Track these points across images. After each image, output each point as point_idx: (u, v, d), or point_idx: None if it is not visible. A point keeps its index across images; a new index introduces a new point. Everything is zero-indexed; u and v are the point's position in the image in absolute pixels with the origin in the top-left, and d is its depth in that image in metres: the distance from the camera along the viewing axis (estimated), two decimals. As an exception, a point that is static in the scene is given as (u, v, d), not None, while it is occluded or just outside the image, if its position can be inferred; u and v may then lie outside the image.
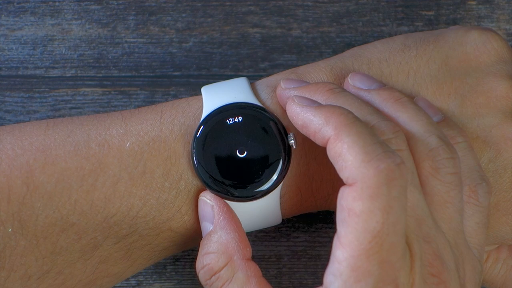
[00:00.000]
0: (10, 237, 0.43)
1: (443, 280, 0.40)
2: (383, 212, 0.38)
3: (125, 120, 0.46)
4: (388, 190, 0.38)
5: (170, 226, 0.45)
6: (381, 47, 0.49)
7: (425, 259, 0.40)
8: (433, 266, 0.40)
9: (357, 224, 0.38)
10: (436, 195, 0.42)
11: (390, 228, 0.38)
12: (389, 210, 0.38)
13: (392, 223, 0.38)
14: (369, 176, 0.38)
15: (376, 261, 0.38)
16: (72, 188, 0.44)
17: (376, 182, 0.38)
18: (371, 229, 0.38)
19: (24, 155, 0.44)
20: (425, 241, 0.40)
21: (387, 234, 0.38)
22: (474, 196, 0.43)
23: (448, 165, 0.42)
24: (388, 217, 0.38)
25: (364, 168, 0.38)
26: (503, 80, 0.47)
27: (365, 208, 0.38)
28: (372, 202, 0.38)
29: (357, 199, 0.38)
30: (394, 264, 0.38)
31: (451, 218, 0.42)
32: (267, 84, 0.48)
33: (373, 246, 0.38)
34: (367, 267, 0.38)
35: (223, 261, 0.43)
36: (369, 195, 0.38)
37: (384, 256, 0.38)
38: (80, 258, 0.45)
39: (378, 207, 0.38)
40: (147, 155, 0.45)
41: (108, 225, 0.44)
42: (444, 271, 0.40)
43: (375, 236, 0.38)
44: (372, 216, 0.38)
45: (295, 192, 0.46)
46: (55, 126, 0.45)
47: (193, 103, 0.47)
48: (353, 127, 0.40)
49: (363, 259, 0.38)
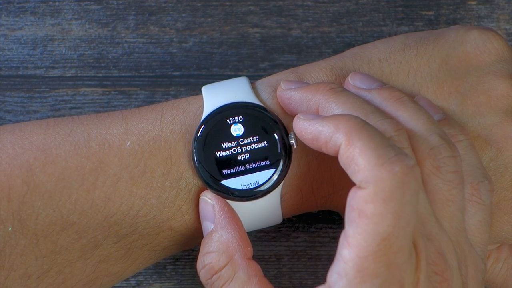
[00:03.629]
0: (10, 236, 0.43)
1: (446, 278, 0.40)
2: (394, 216, 0.38)
3: (125, 119, 0.46)
4: (402, 194, 0.38)
5: (170, 226, 0.45)
6: (382, 47, 0.49)
7: (429, 257, 0.40)
8: (436, 265, 0.40)
9: (367, 226, 0.38)
10: (438, 194, 0.42)
11: (401, 232, 0.38)
12: (401, 214, 0.38)
13: (403, 227, 0.38)
14: (382, 179, 0.38)
15: (383, 263, 0.38)
16: (73, 187, 0.44)
17: (390, 185, 0.38)
18: (381, 232, 0.37)
19: (24, 154, 0.44)
20: (429, 240, 0.40)
21: (396, 237, 0.38)
22: (477, 194, 0.43)
23: (449, 164, 0.42)
24: (399, 221, 0.38)
25: (378, 171, 0.38)
26: (503, 79, 0.47)
27: (377, 211, 0.38)
28: (385, 206, 0.38)
29: (369, 202, 0.38)
30: (400, 265, 0.38)
31: (452, 216, 0.42)
32: (268, 83, 0.48)
33: (381, 248, 0.38)
34: (373, 269, 0.38)
35: (224, 260, 0.43)
36: (382, 199, 0.38)
37: (392, 258, 0.38)
38: (80, 257, 0.45)
39: (391, 211, 0.38)
40: (148, 154, 0.45)
41: (109, 224, 0.44)
42: (447, 269, 0.40)
43: (385, 239, 0.37)
44: (384, 219, 0.38)
45: (296, 191, 0.46)
46: (55, 125, 0.45)
47: (194, 102, 0.47)
48: (363, 131, 0.40)
49: (370, 261, 0.38)
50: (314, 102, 0.44)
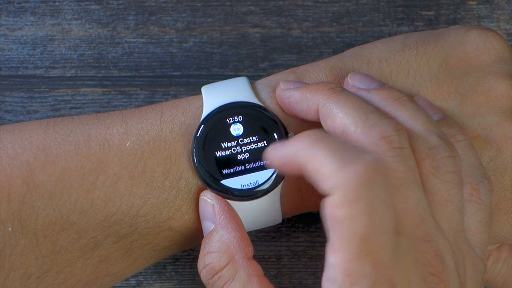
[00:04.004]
0: (10, 236, 0.43)
1: (443, 279, 0.40)
2: (366, 215, 0.37)
3: (125, 119, 0.46)
4: (369, 191, 0.37)
5: (170, 225, 0.45)
6: (381, 47, 0.49)
7: (423, 258, 0.40)
8: (432, 266, 0.40)
9: (342, 230, 0.37)
10: (437, 194, 0.42)
11: (376, 228, 0.37)
12: (372, 212, 0.37)
13: (377, 223, 0.37)
14: (347, 181, 0.37)
15: (369, 263, 0.37)
16: (72, 187, 0.44)
17: (355, 185, 0.37)
18: (357, 232, 0.37)
19: (24, 154, 0.44)
20: (425, 240, 0.40)
21: (373, 235, 0.37)
22: (476, 194, 0.43)
23: (448, 164, 0.42)
24: (371, 219, 0.37)
25: (342, 173, 0.37)
26: (503, 80, 0.47)
27: (347, 214, 0.37)
28: (354, 207, 0.37)
29: (340, 206, 0.37)
30: (386, 263, 0.38)
31: (451, 217, 0.42)
32: (267, 84, 0.48)
33: (362, 249, 0.37)
34: (360, 270, 0.37)
35: (225, 260, 0.43)
36: (350, 200, 0.37)
37: (376, 257, 0.37)
38: (80, 257, 0.45)
39: (361, 210, 0.37)
40: (148, 154, 0.45)
41: (109, 224, 0.44)
42: (444, 270, 0.40)
43: (363, 239, 0.37)
44: (356, 220, 0.37)
45: (296, 191, 0.46)
46: (55, 125, 0.45)
47: (193, 102, 0.47)
48: (321, 143, 0.39)
49: (356, 263, 0.37)
50: (314, 102, 0.44)
